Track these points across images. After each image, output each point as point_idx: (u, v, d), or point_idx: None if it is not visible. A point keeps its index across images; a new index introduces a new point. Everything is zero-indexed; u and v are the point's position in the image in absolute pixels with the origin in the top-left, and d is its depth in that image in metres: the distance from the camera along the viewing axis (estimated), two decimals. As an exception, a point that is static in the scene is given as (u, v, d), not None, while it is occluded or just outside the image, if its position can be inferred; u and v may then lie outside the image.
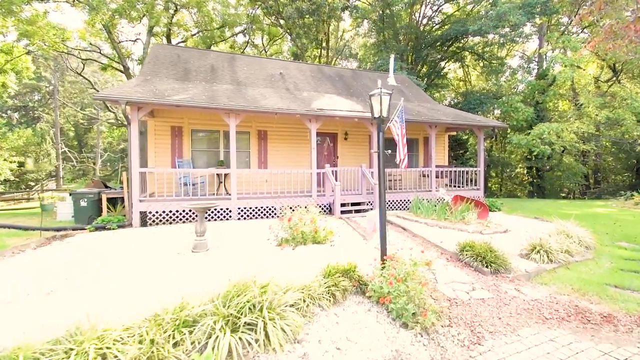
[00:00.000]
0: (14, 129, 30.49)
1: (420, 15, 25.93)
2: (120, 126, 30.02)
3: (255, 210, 10.34)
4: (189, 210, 9.71)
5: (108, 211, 10.54)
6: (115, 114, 26.60)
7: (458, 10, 25.53)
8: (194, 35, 23.19)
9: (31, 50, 25.94)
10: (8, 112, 34.18)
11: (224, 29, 24.59)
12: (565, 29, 24.64)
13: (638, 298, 4.49)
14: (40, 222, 9.51)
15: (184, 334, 2.91)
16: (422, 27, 25.52)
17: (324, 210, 11.10)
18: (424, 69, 26.54)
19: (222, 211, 9.99)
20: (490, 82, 26.13)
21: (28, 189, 29.52)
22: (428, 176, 13.01)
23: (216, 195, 11.02)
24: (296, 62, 17.62)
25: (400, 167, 10.86)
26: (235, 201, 10.09)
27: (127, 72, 22.98)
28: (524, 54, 26.94)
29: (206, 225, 6.27)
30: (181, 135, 11.59)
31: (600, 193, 26.01)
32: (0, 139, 26.14)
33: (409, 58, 25.17)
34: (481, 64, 25.90)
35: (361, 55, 30.47)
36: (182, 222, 9.67)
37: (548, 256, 5.80)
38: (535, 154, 19.54)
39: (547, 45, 22.92)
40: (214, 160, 11.98)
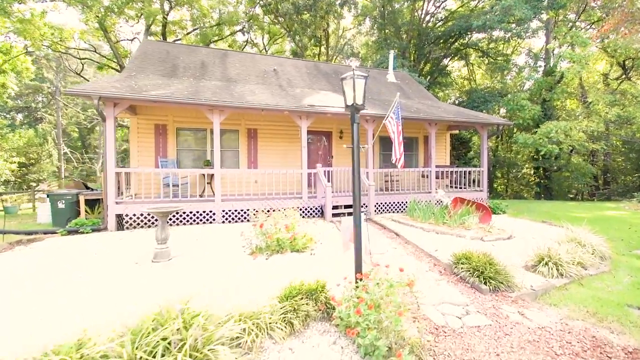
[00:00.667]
0: (16, 130, 30.21)
1: (423, 13, 25.03)
2: (121, 126, 29.55)
3: (241, 213, 9.60)
4: (176, 213, 9.00)
5: (86, 213, 9.87)
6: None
7: (462, 6, 24.57)
8: (188, 34, 22.54)
9: (30, 51, 25.65)
10: (11, 113, 33.96)
11: (223, 27, 23.95)
12: (572, 26, 23.55)
13: (669, 325, 3.64)
14: (2, 225, 8.86)
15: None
16: (425, 24, 24.61)
17: (315, 213, 10.32)
18: (426, 67, 25.62)
19: (205, 214, 9.27)
20: (495, 80, 25.11)
21: (29, 190, 29.18)
22: (428, 177, 12.17)
23: (202, 196, 10.30)
24: (292, 59, 16.88)
25: (397, 167, 10.09)
26: (219, 203, 9.36)
27: (125, 72, 22.43)
28: (530, 51, 25.84)
29: (169, 231, 5.52)
30: (166, 133, 10.90)
31: (609, 194, 24.82)
32: (0, 139, 25.81)
33: (411, 56, 24.29)
34: (486, 61, 24.88)
35: (363, 54, 29.62)
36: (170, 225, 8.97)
37: (558, 269, 4.95)
38: (542, 153, 18.54)
39: (555, 41, 21.87)
40: (201, 160, 11.26)
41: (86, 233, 8.50)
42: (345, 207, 10.51)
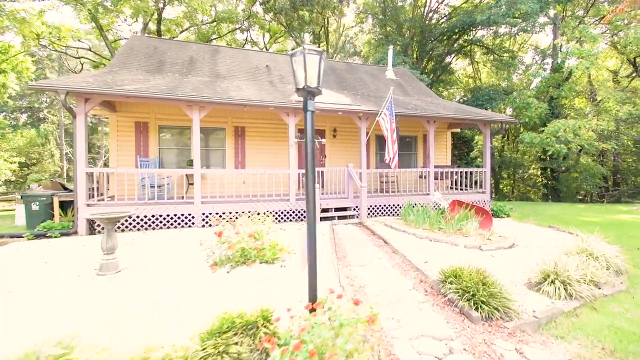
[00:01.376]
0: (18, 130, 29.97)
1: (426, 9, 24.12)
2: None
3: (223, 216, 8.87)
4: (145, 217, 8.34)
5: (60, 216, 9.25)
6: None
7: (466, 1, 23.57)
8: (183, 32, 21.92)
9: (33, 52, 25.36)
10: (14, 114, 33.79)
11: (221, 25, 23.32)
12: (580, 21, 22.43)
13: None
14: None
15: None
16: (428, 21, 23.69)
17: (304, 217, 9.56)
18: (429, 65, 24.68)
19: (184, 217, 8.58)
20: (500, 77, 24.08)
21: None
22: (426, 177, 11.33)
23: (184, 198, 9.60)
24: (286, 55, 16.15)
25: (391, 167, 9.28)
26: (198, 206, 8.66)
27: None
28: (536, 48, 24.79)
29: (116, 240, 4.81)
30: (147, 131, 10.23)
31: (619, 196, 23.65)
32: (0, 139, 25.53)
33: (414, 53, 23.39)
34: (491, 57, 23.84)
35: (365, 53, 28.79)
36: (138, 230, 8.30)
37: (566, 289, 4.12)
38: (549, 153, 17.54)
39: (562, 37, 20.83)
40: (185, 160, 10.58)
41: (54, 237, 7.87)
42: (337, 210, 9.73)
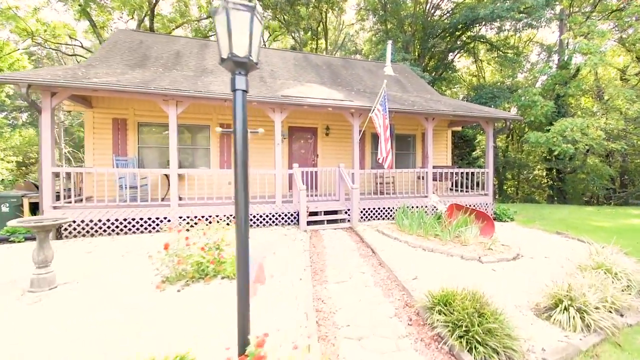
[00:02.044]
0: (17, 129, 29.54)
1: (428, 6, 23.20)
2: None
3: (202, 220, 8.14)
4: (117, 220, 7.63)
5: (30, 219, 8.57)
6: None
7: (469, -4, 22.63)
8: (177, 28, 21.23)
9: (29, 50, 24.86)
10: (14, 113, 33.44)
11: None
12: (588, 16, 21.43)
13: None
14: None
15: None
16: (430, 17, 22.79)
17: (291, 220, 8.81)
18: (431, 62, 23.77)
19: (159, 221, 7.86)
20: (505, 75, 23.11)
21: (28, 189, 28.46)
22: (424, 178, 10.53)
23: (164, 200, 8.88)
24: (279, 50, 15.42)
25: (384, 167, 8.49)
26: (175, 209, 7.94)
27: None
28: (542, 44, 23.79)
29: (51, 251, 4.08)
30: (125, 128, 9.54)
31: (627, 198, 22.57)
32: (-4, 138, 25.11)
33: (415, 50, 22.52)
34: (495, 54, 22.87)
35: (366, 51, 27.94)
36: (109, 235, 7.60)
37: (583, 318, 3.32)
38: (556, 153, 16.60)
39: (569, 32, 19.86)
40: (167, 159, 9.86)
41: (17, 242, 7.18)
42: (326, 214, 8.96)
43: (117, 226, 7.63)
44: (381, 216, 9.65)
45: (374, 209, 9.58)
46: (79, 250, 6.26)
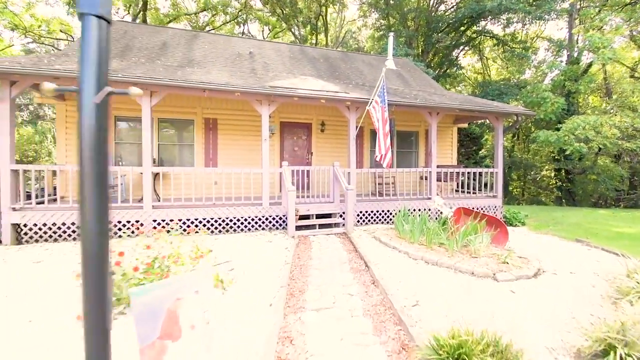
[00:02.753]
0: (15, 127, 28.87)
1: (433, 0, 22.15)
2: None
3: (179, 224, 7.21)
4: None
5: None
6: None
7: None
8: (171, 22, 20.35)
9: (27, 48, 24.15)
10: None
11: (215, 18, 21.74)
12: (600, 9, 20.26)
13: None
14: None
15: None
16: (434, 12, 21.73)
17: (279, 224, 7.86)
18: (435, 58, 22.70)
19: (131, 225, 6.95)
20: (512, 71, 21.98)
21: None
22: (428, 179, 9.54)
23: (141, 201, 7.97)
24: (273, 42, 14.49)
25: (383, 166, 7.51)
26: (148, 211, 7.02)
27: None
28: (550, 39, 22.61)
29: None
30: (101, 123, 8.64)
31: (637, 200, 21.38)
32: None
33: (418, 46, 21.48)
34: (502, 49, 21.74)
35: (368, 48, 26.93)
36: (73, 240, 6.71)
37: (650, 375, 2.35)
38: (568, 153, 15.50)
39: (580, 25, 18.77)
40: (147, 157, 8.95)
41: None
42: (318, 217, 8.00)
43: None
44: (380, 220, 8.68)
45: (372, 212, 8.61)
46: (29, 259, 5.35)
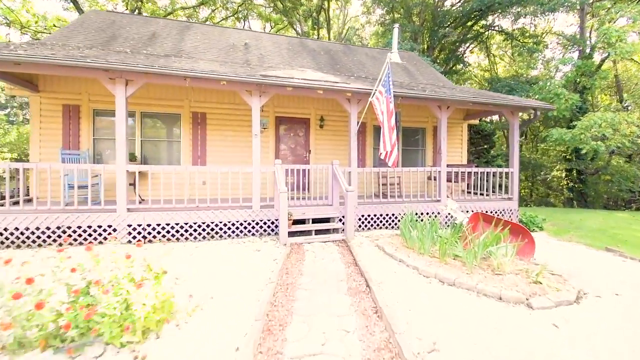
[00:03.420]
0: (14, 125, 28.27)
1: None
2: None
3: (158, 229, 6.32)
4: (48, 229, 5.86)
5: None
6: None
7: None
8: (167, 15, 19.48)
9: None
10: (14, 109, 32.27)
11: (215, 13, 20.87)
12: (615, 2, 19.09)
13: None
14: None
15: None
16: (440, 7, 20.68)
17: (271, 230, 6.94)
18: (441, 54, 21.65)
19: (103, 230, 6.07)
20: (523, 66, 20.86)
21: (25, 187, 27.14)
22: (436, 179, 8.58)
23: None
24: (272, 34, 13.58)
25: (389, 165, 6.57)
26: (122, 215, 6.13)
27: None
28: (560, 35, 21.48)
29: None
30: (78, 117, 7.78)
31: (647, 201, 20.23)
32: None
33: (424, 41, 20.46)
34: (512, 44, 20.64)
35: (372, 44, 25.94)
36: (39, 246, 5.84)
37: None
38: (584, 152, 14.43)
39: (595, 18, 17.66)
40: (129, 152, 8.06)
41: None
42: (314, 222, 7.06)
43: (49, 236, 5.87)
44: (383, 224, 7.74)
45: (375, 215, 7.66)
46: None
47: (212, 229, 6.60)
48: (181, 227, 6.43)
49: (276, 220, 6.86)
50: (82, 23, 10.07)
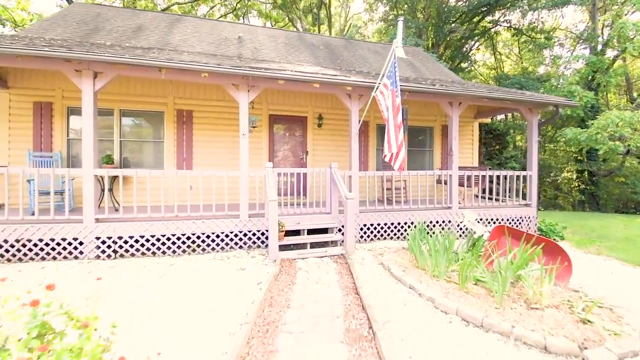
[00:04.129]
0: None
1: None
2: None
3: (131, 244, 5.45)
4: (6, 242, 5.02)
5: None
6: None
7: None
8: (165, 10, 18.70)
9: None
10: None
11: (214, 10, 20.03)
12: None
13: None
14: None
15: None
16: (445, 2, 19.70)
17: (261, 242, 6.06)
18: (447, 52, 20.67)
19: (67, 244, 5.22)
20: (534, 61, 19.80)
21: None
22: (446, 183, 7.67)
23: (100, 208, 6.20)
24: (268, 28, 12.70)
25: (394, 168, 5.61)
26: (90, 226, 5.27)
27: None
28: (571, 32, 20.43)
29: None
30: (50, 115, 6.93)
31: (658, 204, 19.08)
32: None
33: (429, 38, 19.49)
34: (521, 39, 19.61)
35: (375, 42, 25.00)
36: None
37: None
38: (601, 152, 13.42)
39: (609, 12, 16.60)
40: (103, 155, 7.19)
41: None
42: (310, 233, 6.16)
43: (7, 250, 5.03)
44: (388, 235, 6.83)
45: (379, 225, 6.76)
46: None
47: (194, 242, 5.72)
48: (157, 240, 5.56)
49: (266, 230, 5.97)
50: (64, 16, 9.28)
